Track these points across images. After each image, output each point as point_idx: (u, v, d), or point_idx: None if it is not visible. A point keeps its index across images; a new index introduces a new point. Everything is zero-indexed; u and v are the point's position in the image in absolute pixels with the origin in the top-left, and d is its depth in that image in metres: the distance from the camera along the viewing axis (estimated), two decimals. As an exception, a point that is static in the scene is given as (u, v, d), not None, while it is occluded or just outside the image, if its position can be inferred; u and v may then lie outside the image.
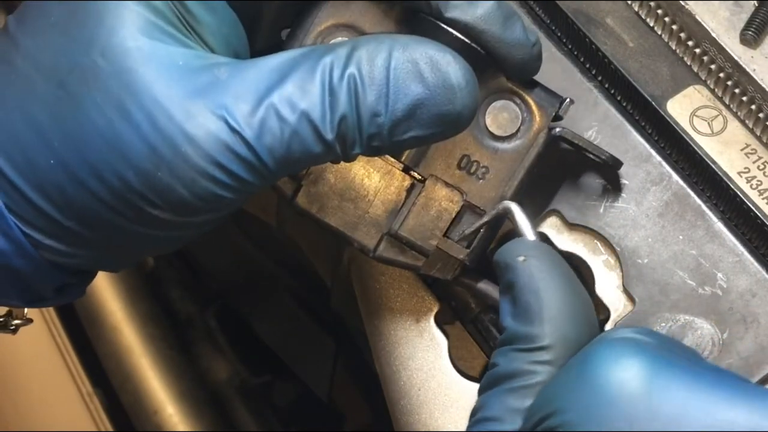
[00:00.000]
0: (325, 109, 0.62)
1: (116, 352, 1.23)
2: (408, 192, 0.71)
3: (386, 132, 0.63)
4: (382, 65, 0.63)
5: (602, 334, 0.62)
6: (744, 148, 0.72)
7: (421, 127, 0.64)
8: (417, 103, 0.63)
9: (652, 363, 0.57)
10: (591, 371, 0.57)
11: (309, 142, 0.62)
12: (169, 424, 1.20)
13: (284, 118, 0.62)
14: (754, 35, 0.71)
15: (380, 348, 0.79)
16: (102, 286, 1.25)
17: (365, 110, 0.63)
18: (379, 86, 0.63)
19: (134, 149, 0.61)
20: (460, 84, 0.64)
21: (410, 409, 0.77)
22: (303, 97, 0.62)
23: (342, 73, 0.62)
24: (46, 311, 1.22)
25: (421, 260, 0.72)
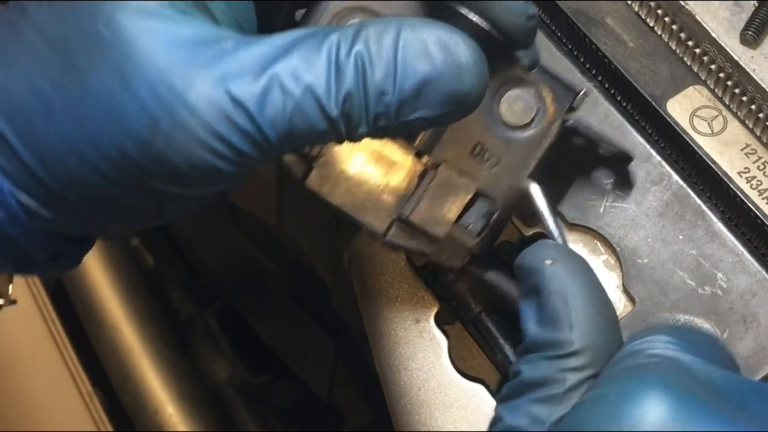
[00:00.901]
0: (330, 84, 0.61)
1: (116, 352, 1.23)
2: (420, 178, 0.71)
3: (393, 111, 0.62)
4: (390, 44, 0.62)
5: (637, 353, 0.61)
6: (744, 148, 0.72)
7: (429, 107, 0.63)
8: (425, 81, 0.62)
9: (686, 410, 0.56)
10: (621, 415, 0.56)
11: (313, 118, 0.61)
12: (169, 424, 1.20)
13: (288, 91, 0.61)
14: (754, 35, 0.71)
15: (380, 348, 0.79)
16: (102, 286, 1.25)
17: (372, 88, 0.62)
18: (386, 64, 0.62)
19: (133, 118, 0.61)
20: (469, 63, 0.63)
21: (410, 409, 0.77)
22: (308, 70, 0.61)
23: (349, 50, 0.61)
24: (46, 311, 1.22)
25: (431, 247, 0.71)
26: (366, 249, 0.82)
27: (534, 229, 0.79)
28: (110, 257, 1.27)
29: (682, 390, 0.56)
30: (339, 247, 0.86)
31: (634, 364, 0.59)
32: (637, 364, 0.59)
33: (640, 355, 0.60)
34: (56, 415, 1.19)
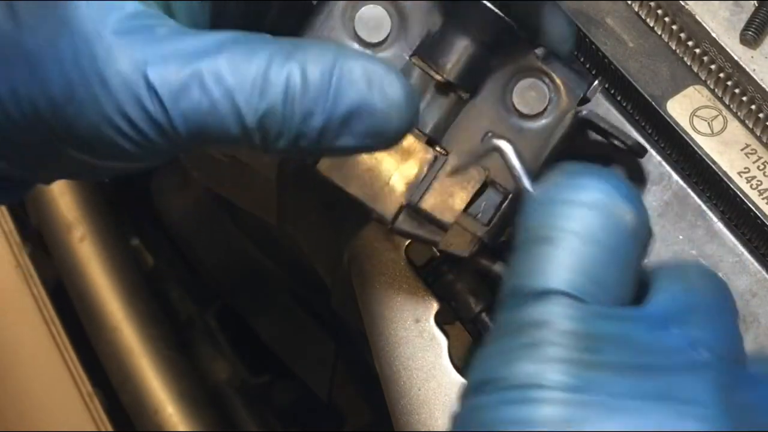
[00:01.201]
0: (253, 94, 0.60)
1: (116, 352, 1.23)
2: (430, 165, 0.70)
3: (315, 135, 0.62)
4: (326, 67, 0.61)
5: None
6: (744, 148, 0.72)
7: (353, 136, 0.63)
8: (355, 111, 0.62)
9: None
10: None
11: (227, 122, 0.61)
12: (169, 424, 1.20)
13: (207, 89, 0.60)
14: (754, 35, 0.71)
15: (380, 348, 0.79)
16: (102, 286, 1.25)
17: (299, 107, 0.61)
18: (319, 87, 0.61)
19: (52, 78, 0.61)
20: (401, 101, 0.63)
21: (410, 409, 0.77)
22: (233, 74, 0.60)
23: (283, 64, 0.61)
24: (46, 311, 1.22)
25: (439, 235, 0.71)
26: (366, 249, 0.82)
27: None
28: (110, 257, 1.27)
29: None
30: (339, 247, 0.86)
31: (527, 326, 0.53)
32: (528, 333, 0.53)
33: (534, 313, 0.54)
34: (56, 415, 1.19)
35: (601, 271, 0.55)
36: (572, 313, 0.53)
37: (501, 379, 0.52)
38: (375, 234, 0.82)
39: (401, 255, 0.80)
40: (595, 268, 0.54)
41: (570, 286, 0.54)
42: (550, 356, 0.52)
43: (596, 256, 0.55)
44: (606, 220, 0.55)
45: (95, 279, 1.26)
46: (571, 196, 0.55)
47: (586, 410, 0.51)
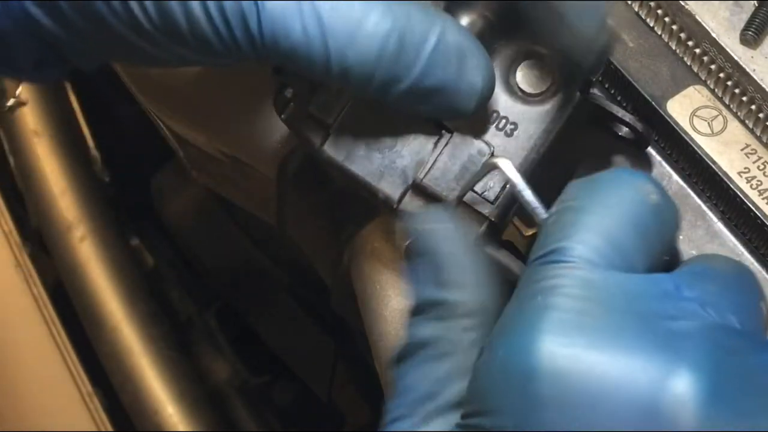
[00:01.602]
0: (345, 43, 0.62)
1: (116, 352, 1.23)
2: (435, 143, 0.70)
3: (394, 97, 0.64)
4: (426, 35, 0.62)
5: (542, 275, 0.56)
6: (744, 148, 0.72)
7: (429, 107, 0.65)
8: (440, 89, 0.64)
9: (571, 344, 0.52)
10: (514, 360, 0.53)
11: (313, 59, 0.62)
12: (169, 424, 1.20)
13: (305, 23, 0.61)
14: (754, 35, 0.71)
15: (380, 348, 0.79)
16: (102, 286, 1.26)
17: (387, 70, 0.62)
18: (413, 56, 0.62)
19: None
20: (485, 88, 0.65)
21: (410, 409, 0.77)
22: (331, 16, 0.61)
23: (383, 20, 0.62)
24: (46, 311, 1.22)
25: None
26: (366, 249, 0.82)
27: (534, 229, 0.79)
28: (110, 257, 1.27)
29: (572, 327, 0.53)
30: (339, 247, 0.86)
31: (534, 292, 0.55)
32: (535, 298, 0.55)
33: (543, 280, 0.55)
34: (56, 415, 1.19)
35: (622, 239, 0.56)
36: (584, 276, 0.54)
37: (508, 338, 0.54)
38: (375, 234, 0.82)
39: (401, 255, 0.80)
40: (616, 236, 0.56)
41: (589, 247, 0.55)
42: (556, 318, 0.53)
43: (619, 225, 0.57)
44: (631, 194, 0.58)
45: (95, 279, 1.26)
46: (598, 176, 0.59)
47: (583, 365, 0.52)
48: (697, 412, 0.51)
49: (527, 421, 0.52)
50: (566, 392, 0.52)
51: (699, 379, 0.51)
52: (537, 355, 0.52)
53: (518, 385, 0.53)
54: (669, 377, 0.51)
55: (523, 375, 0.52)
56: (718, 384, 0.51)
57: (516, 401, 0.53)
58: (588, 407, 0.52)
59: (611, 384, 0.52)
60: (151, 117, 1.00)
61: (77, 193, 1.29)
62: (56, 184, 1.29)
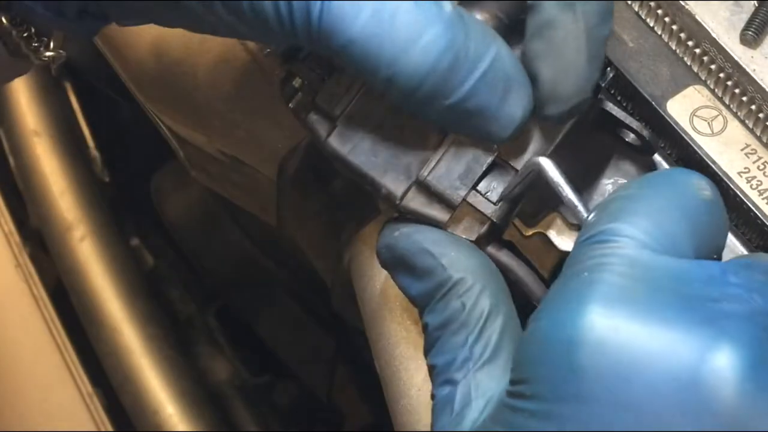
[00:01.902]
0: (400, 52, 0.61)
1: (116, 352, 1.23)
2: (441, 141, 0.69)
3: (432, 112, 0.63)
4: (481, 55, 0.62)
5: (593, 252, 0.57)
6: (744, 148, 0.72)
7: (464, 127, 0.65)
8: (480, 112, 0.63)
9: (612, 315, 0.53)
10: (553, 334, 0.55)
11: (364, 58, 0.62)
12: (169, 424, 1.20)
13: (363, 22, 0.61)
14: (754, 35, 0.71)
15: (380, 348, 0.79)
16: (102, 286, 1.26)
17: (433, 85, 0.62)
18: (464, 74, 0.62)
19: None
20: (523, 118, 0.65)
21: (410, 409, 0.77)
22: (391, 21, 0.61)
23: (443, 33, 0.61)
24: (46, 311, 1.22)
25: (447, 214, 0.69)
26: (366, 249, 0.82)
27: (534, 229, 0.79)
28: (110, 257, 1.27)
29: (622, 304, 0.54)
30: (339, 248, 0.86)
31: (582, 269, 0.56)
32: (583, 274, 0.56)
33: (592, 258, 0.57)
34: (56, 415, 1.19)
35: (671, 225, 0.57)
36: (631, 255, 0.55)
37: (551, 310, 0.55)
38: (375, 234, 0.82)
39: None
40: (665, 221, 0.57)
41: (638, 228, 0.57)
42: (600, 292, 0.54)
43: (668, 211, 0.58)
44: (683, 186, 0.59)
45: (95, 279, 1.26)
46: (651, 172, 0.61)
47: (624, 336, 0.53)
48: (737, 386, 0.51)
49: (565, 389, 0.53)
50: (605, 362, 0.52)
51: (741, 355, 0.51)
52: (578, 325, 0.53)
53: (558, 354, 0.53)
54: (710, 351, 0.51)
55: (564, 344, 0.53)
56: (760, 362, 0.51)
57: (555, 370, 0.53)
58: (626, 377, 0.52)
59: (651, 355, 0.52)
60: (151, 117, 1.00)
61: (77, 193, 1.30)
62: (56, 184, 1.29)
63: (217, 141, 0.93)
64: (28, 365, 1.22)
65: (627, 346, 0.52)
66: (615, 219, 0.58)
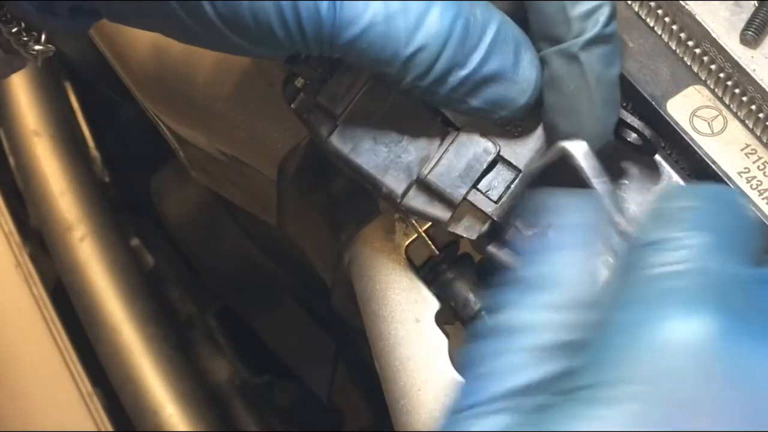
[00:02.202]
0: (413, 28, 0.61)
1: (116, 352, 1.23)
2: (442, 140, 0.69)
3: (450, 87, 0.63)
4: (488, 22, 0.62)
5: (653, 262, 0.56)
6: (744, 148, 0.72)
7: (483, 100, 0.64)
8: (496, 77, 0.63)
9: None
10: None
11: (380, 48, 0.62)
12: (169, 424, 1.20)
13: (373, 12, 0.61)
14: (754, 35, 0.71)
15: (380, 348, 0.79)
16: (102, 286, 1.26)
17: (451, 55, 0.62)
18: (476, 41, 0.62)
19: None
20: (536, 82, 0.65)
21: (410, 409, 0.77)
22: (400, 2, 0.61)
23: (449, 5, 0.62)
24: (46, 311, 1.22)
25: (448, 213, 0.69)
26: (366, 249, 0.82)
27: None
28: (110, 257, 1.27)
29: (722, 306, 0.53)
30: (339, 248, 0.86)
31: (653, 279, 0.55)
32: (657, 284, 0.55)
33: (659, 266, 0.56)
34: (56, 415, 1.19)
35: (732, 240, 0.57)
36: (703, 261, 0.55)
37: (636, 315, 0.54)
38: (375, 234, 0.82)
39: (401, 255, 0.80)
40: (726, 236, 0.57)
41: (702, 239, 0.56)
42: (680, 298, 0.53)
43: (728, 226, 0.57)
44: (735, 204, 0.59)
45: (95, 279, 1.26)
46: (697, 185, 0.62)
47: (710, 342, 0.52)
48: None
49: (656, 391, 0.52)
50: (701, 367, 0.51)
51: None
52: (667, 328, 0.52)
53: (648, 357, 0.52)
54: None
55: (652, 347, 0.52)
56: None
57: (646, 372, 0.52)
58: (722, 384, 0.51)
59: (746, 366, 0.52)
60: (151, 117, 1.00)
61: (77, 193, 1.30)
62: (56, 184, 1.29)
63: (217, 141, 0.93)
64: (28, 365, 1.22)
65: (721, 355, 0.52)
66: (676, 228, 0.57)
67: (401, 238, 0.81)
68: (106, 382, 1.22)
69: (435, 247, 0.80)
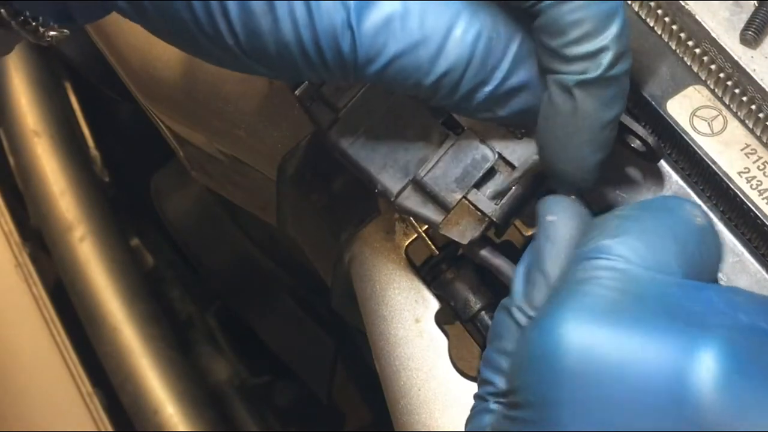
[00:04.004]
0: (436, 52, 0.61)
1: (116, 352, 1.23)
2: (442, 142, 0.69)
3: (476, 103, 0.63)
4: (510, 34, 0.62)
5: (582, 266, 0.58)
6: (744, 148, 0.72)
7: (509, 110, 0.64)
8: (522, 88, 0.63)
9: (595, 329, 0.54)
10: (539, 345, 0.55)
11: (408, 74, 0.61)
12: (169, 424, 1.20)
13: (397, 38, 0.61)
14: (754, 35, 0.71)
15: (380, 348, 0.79)
16: (102, 286, 1.26)
17: (476, 73, 0.62)
18: (500, 55, 0.62)
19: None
20: None
21: (410, 409, 0.77)
22: (421, 27, 0.60)
23: (471, 23, 0.61)
24: (46, 312, 1.22)
25: (440, 216, 0.69)
26: (366, 249, 0.82)
27: (534, 229, 0.79)
28: (110, 257, 1.27)
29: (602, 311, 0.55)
30: (339, 248, 0.86)
31: (571, 282, 0.57)
32: (572, 286, 0.57)
33: (582, 271, 0.58)
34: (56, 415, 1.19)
35: (661, 247, 0.58)
36: (620, 270, 0.57)
37: (539, 320, 0.56)
38: (375, 234, 0.82)
39: (401, 255, 0.80)
40: (655, 243, 0.58)
41: (628, 247, 0.58)
42: (586, 302, 0.55)
43: (659, 233, 0.59)
44: (677, 213, 0.60)
45: (95, 279, 1.26)
46: (649, 199, 0.64)
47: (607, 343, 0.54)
48: (716, 393, 0.52)
49: (549, 396, 0.54)
50: (589, 368, 0.53)
51: (721, 363, 0.52)
52: (561, 332, 0.54)
53: (544, 361, 0.54)
54: (692, 355, 0.52)
55: (548, 352, 0.54)
56: (740, 372, 0.52)
57: (541, 377, 0.54)
58: (609, 383, 0.53)
59: (634, 362, 0.53)
60: (151, 117, 1.00)
61: (77, 193, 1.30)
62: (56, 184, 1.29)
63: (217, 141, 0.93)
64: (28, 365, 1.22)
65: (610, 353, 0.54)
66: (608, 236, 0.58)
67: (401, 238, 0.81)
68: (106, 382, 1.22)
69: (435, 247, 0.80)
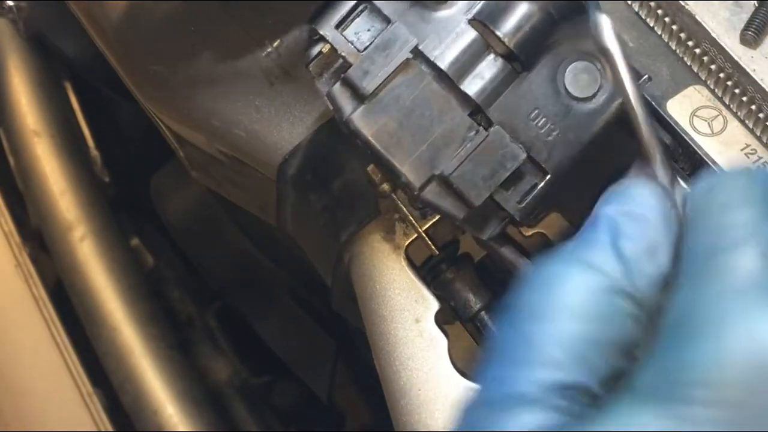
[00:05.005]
0: None
1: (116, 352, 1.23)
2: (471, 137, 0.68)
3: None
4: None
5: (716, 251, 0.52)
6: (744, 148, 0.72)
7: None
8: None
9: None
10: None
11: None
12: (169, 424, 1.20)
13: None
14: (754, 35, 0.71)
15: (380, 348, 0.79)
16: (102, 286, 1.26)
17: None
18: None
19: None
20: None
21: (410, 409, 0.77)
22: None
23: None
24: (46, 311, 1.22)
25: (463, 211, 0.68)
26: (366, 249, 0.82)
27: (534, 229, 0.79)
28: (110, 257, 1.27)
29: None
30: (339, 248, 0.86)
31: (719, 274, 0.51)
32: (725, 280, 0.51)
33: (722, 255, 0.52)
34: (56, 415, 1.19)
35: None
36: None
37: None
38: (375, 234, 0.82)
39: (401, 255, 0.80)
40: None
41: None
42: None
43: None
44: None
45: (95, 279, 1.26)
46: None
47: None
48: None
49: (756, 402, 0.48)
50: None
51: None
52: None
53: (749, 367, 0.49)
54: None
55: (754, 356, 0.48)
56: None
57: (748, 385, 0.48)
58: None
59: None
60: (151, 117, 1.00)
61: (77, 193, 1.30)
62: (56, 184, 1.29)
63: (217, 141, 0.93)
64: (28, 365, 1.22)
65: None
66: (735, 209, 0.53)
67: (401, 238, 0.81)
68: (106, 382, 1.22)
69: (435, 247, 0.80)
